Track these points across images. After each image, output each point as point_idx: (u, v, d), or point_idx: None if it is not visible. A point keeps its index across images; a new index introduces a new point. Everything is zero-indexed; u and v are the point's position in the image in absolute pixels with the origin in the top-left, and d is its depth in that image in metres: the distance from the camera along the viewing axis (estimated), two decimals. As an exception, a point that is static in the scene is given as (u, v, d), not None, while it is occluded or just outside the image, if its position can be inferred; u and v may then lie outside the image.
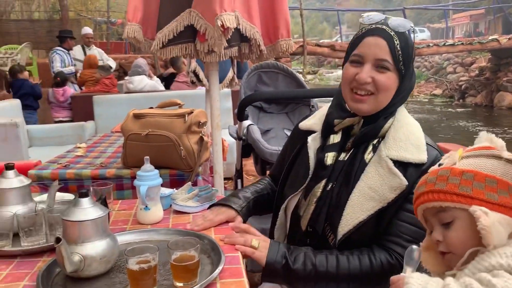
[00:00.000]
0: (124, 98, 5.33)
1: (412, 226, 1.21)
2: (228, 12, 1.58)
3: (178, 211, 1.55)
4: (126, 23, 1.78)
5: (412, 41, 1.28)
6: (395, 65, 1.23)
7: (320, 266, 1.22)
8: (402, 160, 1.23)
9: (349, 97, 1.28)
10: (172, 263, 1.03)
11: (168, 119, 2.07)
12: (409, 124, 1.30)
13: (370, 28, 1.25)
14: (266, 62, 2.78)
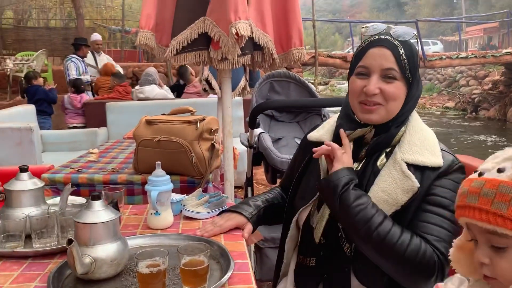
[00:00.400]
0: (136, 105, 5.38)
1: (435, 226, 1.19)
2: (243, 20, 1.60)
3: (188, 217, 1.56)
4: (139, 30, 1.80)
5: (416, 48, 1.28)
6: (402, 73, 1.23)
7: (371, 209, 1.17)
8: (418, 164, 1.22)
9: (358, 109, 1.27)
10: (182, 268, 1.03)
11: (180, 126, 2.09)
12: (423, 130, 1.30)
13: (374, 39, 1.25)
14: (278, 71, 2.79)
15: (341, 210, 1.19)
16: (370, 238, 1.16)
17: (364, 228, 1.16)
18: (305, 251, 1.38)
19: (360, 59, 1.26)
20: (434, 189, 1.22)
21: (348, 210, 1.17)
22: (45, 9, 17.75)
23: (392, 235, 1.15)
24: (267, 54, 1.83)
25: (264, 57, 1.86)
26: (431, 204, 1.21)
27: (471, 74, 19.35)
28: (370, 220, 1.16)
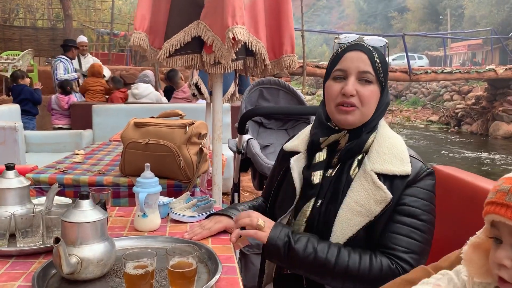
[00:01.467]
0: (123, 109, 5.35)
1: (406, 237, 1.21)
2: (240, 25, 1.61)
3: (175, 220, 1.55)
4: (133, 31, 1.80)
5: (388, 56, 1.33)
6: (376, 77, 1.26)
7: (321, 252, 1.20)
8: (387, 173, 1.24)
9: (335, 112, 1.29)
10: (170, 269, 1.02)
11: (168, 129, 2.08)
12: (391, 137, 1.32)
13: (350, 45, 1.29)
14: (268, 79, 2.81)
15: (296, 267, 1.24)
16: (333, 275, 1.20)
17: (324, 270, 1.20)
18: None
19: (336, 63, 1.29)
20: (404, 199, 1.23)
21: (302, 263, 1.22)
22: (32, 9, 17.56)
23: (353, 264, 1.19)
24: (259, 60, 1.84)
25: (256, 63, 1.88)
26: (402, 215, 1.22)
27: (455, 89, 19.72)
28: (326, 259, 1.19)
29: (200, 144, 2.10)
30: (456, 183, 1.57)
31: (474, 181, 1.50)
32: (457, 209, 1.49)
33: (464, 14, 35.42)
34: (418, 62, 25.43)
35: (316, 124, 1.39)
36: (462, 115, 17.08)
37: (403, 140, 1.35)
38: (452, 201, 1.53)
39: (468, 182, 1.52)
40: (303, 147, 1.41)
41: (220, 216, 1.46)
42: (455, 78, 15.63)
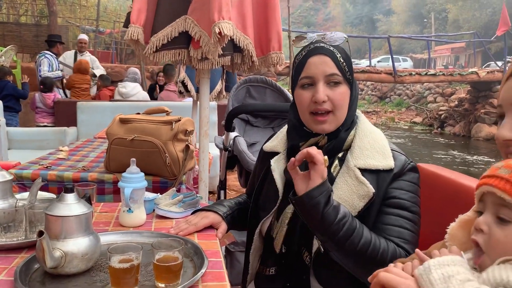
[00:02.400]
0: (108, 106, 5.29)
1: (397, 227, 1.21)
2: (226, 20, 1.60)
3: (161, 216, 1.54)
4: (130, 25, 1.74)
5: (349, 50, 1.31)
6: (343, 76, 1.25)
7: (352, 224, 1.15)
8: (371, 168, 1.25)
9: (310, 121, 1.27)
10: (155, 263, 1.02)
11: (154, 126, 2.07)
12: (372, 132, 1.32)
13: (310, 49, 1.27)
14: (255, 77, 2.81)
15: (323, 227, 1.14)
16: (353, 252, 1.15)
17: (348, 243, 1.15)
18: (266, 261, 1.39)
19: (301, 70, 1.27)
20: (393, 192, 1.24)
21: (331, 227, 1.13)
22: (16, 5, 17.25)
23: (374, 248, 1.15)
24: (247, 57, 1.84)
25: (243, 59, 1.88)
26: (392, 207, 1.23)
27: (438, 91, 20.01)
28: (353, 235, 1.14)
29: (186, 141, 2.09)
30: (439, 180, 1.60)
31: (457, 178, 1.53)
32: (440, 205, 1.52)
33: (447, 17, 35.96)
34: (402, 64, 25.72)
35: (290, 127, 1.38)
36: (445, 117, 17.33)
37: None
38: (435, 197, 1.56)
39: (450, 180, 1.54)
40: (282, 147, 1.40)
41: (206, 211, 1.46)
42: (439, 80, 15.87)
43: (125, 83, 6.19)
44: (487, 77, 14.89)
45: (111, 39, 18.24)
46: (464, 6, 32.61)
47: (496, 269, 0.72)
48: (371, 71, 14.20)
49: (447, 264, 0.75)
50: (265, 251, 1.41)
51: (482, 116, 14.97)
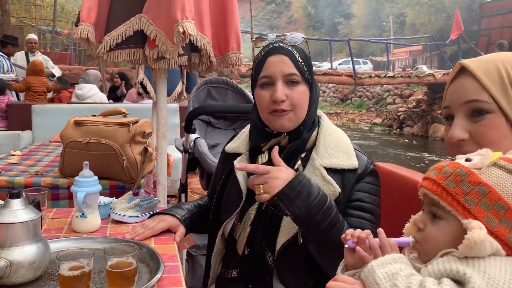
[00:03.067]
0: (65, 109, 5.11)
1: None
2: (189, 20, 1.57)
3: (117, 221, 1.49)
4: (79, 23, 1.68)
5: (308, 50, 1.32)
6: (302, 76, 1.26)
7: (331, 206, 1.16)
8: (336, 167, 1.26)
9: (270, 120, 1.28)
10: (108, 270, 0.98)
11: (111, 128, 2.01)
12: (335, 131, 1.34)
13: (269, 49, 1.28)
14: (216, 78, 2.79)
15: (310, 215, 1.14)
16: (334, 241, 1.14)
17: (331, 232, 1.15)
18: (228, 263, 1.38)
19: (260, 69, 1.27)
20: (356, 195, 1.26)
21: (317, 215, 1.14)
22: (-35, 4, 16.46)
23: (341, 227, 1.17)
24: (205, 56, 1.82)
25: (201, 59, 1.85)
26: (357, 209, 1.25)
27: (397, 92, 20.58)
28: (338, 223, 1.17)
29: (144, 143, 2.04)
30: (395, 179, 1.64)
31: (412, 176, 1.57)
32: (397, 203, 1.54)
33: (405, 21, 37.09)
34: (363, 67, 26.34)
35: (252, 129, 1.37)
36: (404, 117, 17.84)
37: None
38: (392, 195, 1.59)
39: (407, 178, 1.58)
40: (244, 148, 1.39)
41: (164, 215, 1.42)
42: (397, 82, 16.34)
43: (81, 84, 6.00)
44: (443, 79, 15.46)
45: (69, 40, 17.71)
46: (421, 10, 33.76)
47: (440, 261, 0.76)
48: (332, 74, 14.43)
49: (389, 263, 0.79)
50: (227, 253, 1.40)
51: (439, 116, 15.50)
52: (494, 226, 0.75)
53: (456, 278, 0.73)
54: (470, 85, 0.95)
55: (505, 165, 0.78)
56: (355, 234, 0.91)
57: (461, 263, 0.74)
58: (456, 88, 0.98)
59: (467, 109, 0.95)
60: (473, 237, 0.72)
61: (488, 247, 0.73)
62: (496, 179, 0.77)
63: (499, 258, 0.74)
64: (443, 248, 0.78)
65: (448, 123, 1.00)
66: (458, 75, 0.99)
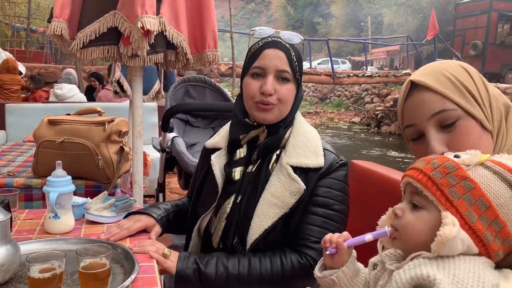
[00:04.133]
0: (41, 108, 4.99)
1: (318, 227, 1.25)
2: (150, 15, 1.55)
3: (91, 221, 1.46)
4: (53, 20, 1.64)
5: (302, 53, 1.35)
6: (293, 75, 1.29)
7: (232, 268, 1.22)
8: (302, 166, 1.28)
9: (254, 109, 1.30)
10: (80, 271, 0.96)
11: (86, 127, 1.97)
12: (307, 131, 1.36)
13: (268, 41, 1.30)
14: (194, 76, 2.77)
15: (212, 286, 1.23)
16: (250, 286, 1.23)
17: (239, 284, 1.22)
18: None
19: (255, 59, 1.29)
20: (317, 190, 1.28)
21: (216, 285, 1.22)
22: None
23: (265, 271, 1.23)
24: (181, 54, 1.80)
25: (177, 57, 1.83)
26: (315, 205, 1.27)
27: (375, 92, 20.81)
28: (239, 274, 1.22)
29: (120, 142, 2.01)
30: (372, 176, 1.65)
31: (388, 174, 1.59)
32: (373, 200, 1.56)
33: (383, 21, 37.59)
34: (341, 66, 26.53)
35: (234, 121, 1.39)
36: (382, 116, 18.06)
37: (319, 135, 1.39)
38: (368, 192, 1.60)
39: (383, 175, 1.60)
40: (223, 144, 1.41)
41: (139, 214, 1.40)
42: (375, 82, 16.56)
43: (62, 84, 5.85)
44: (419, 79, 15.72)
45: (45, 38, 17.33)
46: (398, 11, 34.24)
47: (411, 267, 0.77)
48: (311, 73, 14.53)
49: None
50: (204, 248, 1.39)
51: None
52: (474, 221, 0.76)
53: (423, 284, 0.74)
54: (431, 97, 0.94)
55: (492, 166, 0.80)
56: (332, 240, 0.91)
57: (431, 266, 0.75)
58: (415, 104, 0.97)
59: (436, 122, 0.94)
60: (445, 233, 0.73)
61: (459, 244, 0.75)
62: (482, 178, 0.79)
63: (469, 259, 0.76)
64: (419, 238, 0.79)
65: (415, 143, 0.99)
66: (412, 92, 0.98)
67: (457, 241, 0.74)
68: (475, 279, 0.72)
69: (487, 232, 0.76)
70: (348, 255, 0.91)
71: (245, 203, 1.28)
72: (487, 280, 0.72)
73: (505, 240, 0.77)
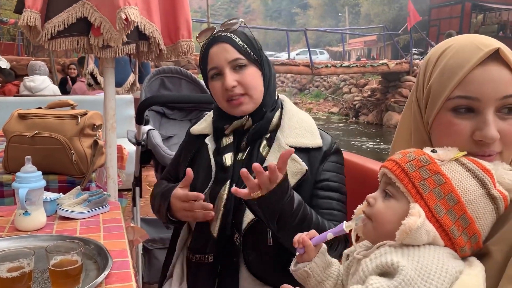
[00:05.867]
0: (13, 102, 4.85)
1: (329, 210, 1.26)
2: (132, 6, 1.51)
3: (64, 217, 1.43)
4: (25, 10, 1.56)
5: (250, 32, 1.35)
6: (247, 58, 1.28)
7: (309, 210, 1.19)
8: (301, 146, 1.28)
9: (227, 107, 1.30)
10: (51, 269, 0.93)
11: (58, 120, 1.92)
12: (299, 112, 1.38)
13: (209, 40, 1.30)
14: (169, 67, 2.72)
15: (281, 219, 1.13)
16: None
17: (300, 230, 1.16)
18: (201, 248, 1.33)
19: (206, 62, 1.30)
20: (323, 175, 1.29)
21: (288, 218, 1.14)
22: None
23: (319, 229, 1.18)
24: (154, 44, 1.76)
25: (150, 48, 1.79)
26: (325, 190, 1.28)
27: (353, 82, 21.02)
28: (305, 222, 1.17)
29: (94, 136, 1.97)
30: (348, 165, 1.65)
31: (365, 163, 1.60)
32: (351, 189, 1.56)
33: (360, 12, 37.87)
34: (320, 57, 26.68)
35: (215, 114, 1.39)
36: (360, 106, 18.26)
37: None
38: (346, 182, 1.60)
39: (359, 165, 1.61)
40: (211, 130, 1.40)
41: None
42: (353, 72, 16.67)
43: (34, 76, 5.68)
44: (396, 68, 15.91)
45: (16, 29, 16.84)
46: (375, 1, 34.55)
47: (378, 256, 0.79)
48: (290, 64, 14.53)
49: None
50: (197, 239, 1.34)
51: (392, 104, 15.97)
52: (441, 215, 0.78)
53: (389, 271, 0.76)
54: (507, 76, 0.82)
55: (466, 163, 0.81)
56: (299, 240, 0.93)
57: (396, 254, 0.76)
58: (491, 77, 0.82)
59: (500, 105, 0.82)
60: (409, 223, 0.75)
61: (424, 235, 0.76)
62: (454, 173, 0.80)
63: (434, 248, 0.77)
64: (387, 226, 0.81)
65: (460, 116, 0.84)
66: (489, 61, 0.82)
67: (422, 231, 0.76)
68: (439, 265, 0.74)
69: (454, 226, 0.77)
70: (315, 251, 0.94)
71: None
72: (451, 266, 0.74)
73: (472, 236, 0.78)
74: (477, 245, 0.80)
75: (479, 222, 0.79)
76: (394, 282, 0.72)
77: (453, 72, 0.84)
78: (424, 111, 0.92)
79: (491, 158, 0.84)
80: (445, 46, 0.90)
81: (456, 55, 0.85)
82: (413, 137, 0.97)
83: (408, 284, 0.71)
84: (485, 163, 0.82)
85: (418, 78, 0.96)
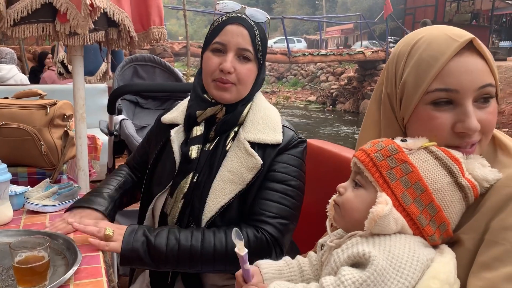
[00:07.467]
0: (-22, 92, 4.67)
1: (275, 203, 1.23)
2: None
3: (32, 211, 1.38)
4: None
5: (268, 33, 1.32)
6: (255, 55, 1.26)
7: (185, 240, 1.16)
8: (260, 142, 1.26)
9: (212, 86, 1.27)
10: (15, 266, 0.90)
11: (26, 111, 1.85)
12: (266, 108, 1.34)
13: (231, 16, 1.25)
14: (142, 55, 2.66)
15: (161, 264, 1.16)
16: (202, 260, 1.17)
17: (192, 257, 1.16)
18: None
19: (216, 34, 1.25)
20: (274, 165, 1.26)
21: (168, 258, 1.15)
22: None
23: (220, 244, 1.17)
24: (124, 32, 1.70)
25: (120, 35, 1.73)
26: (272, 181, 1.25)
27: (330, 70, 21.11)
28: (192, 246, 1.16)
29: (65, 126, 1.91)
30: (323, 154, 1.66)
31: (340, 151, 1.60)
32: (325, 177, 1.57)
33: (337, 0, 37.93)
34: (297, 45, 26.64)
35: (192, 96, 1.35)
36: (337, 94, 18.38)
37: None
38: (321, 170, 1.61)
39: (334, 153, 1.61)
40: (181, 120, 1.36)
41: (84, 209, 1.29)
42: (330, 60, 16.75)
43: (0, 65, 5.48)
44: (372, 57, 16.04)
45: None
46: (351, -11, 34.64)
47: (349, 246, 0.79)
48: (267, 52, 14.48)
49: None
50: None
51: (369, 93, 16.13)
52: (408, 203, 0.78)
53: (360, 262, 0.76)
54: (482, 66, 0.81)
55: (435, 151, 0.81)
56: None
57: (367, 244, 0.77)
58: (468, 68, 0.80)
59: (477, 95, 0.82)
60: (376, 211, 0.76)
61: (392, 224, 0.76)
62: (422, 162, 0.80)
63: (405, 237, 0.78)
64: (355, 215, 0.82)
65: (440, 108, 0.83)
66: (464, 52, 0.81)
67: (389, 219, 0.76)
68: (410, 254, 0.74)
69: (421, 215, 0.78)
70: (260, 277, 0.94)
71: (202, 182, 1.25)
72: (422, 255, 0.75)
73: (440, 224, 0.79)
74: (447, 233, 0.80)
75: (447, 211, 0.79)
76: (366, 273, 0.72)
77: (428, 64, 0.82)
78: (398, 107, 0.91)
79: (472, 150, 0.84)
80: (416, 38, 0.88)
81: (429, 47, 0.84)
82: (384, 133, 0.95)
83: (380, 274, 0.72)
84: (454, 152, 0.81)
85: (387, 72, 0.93)
